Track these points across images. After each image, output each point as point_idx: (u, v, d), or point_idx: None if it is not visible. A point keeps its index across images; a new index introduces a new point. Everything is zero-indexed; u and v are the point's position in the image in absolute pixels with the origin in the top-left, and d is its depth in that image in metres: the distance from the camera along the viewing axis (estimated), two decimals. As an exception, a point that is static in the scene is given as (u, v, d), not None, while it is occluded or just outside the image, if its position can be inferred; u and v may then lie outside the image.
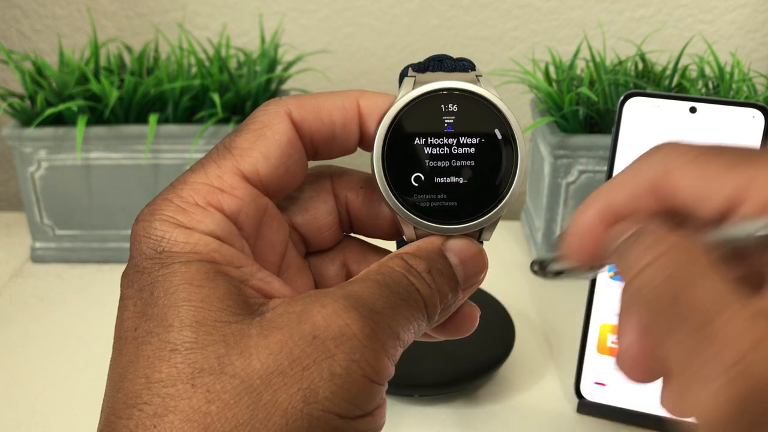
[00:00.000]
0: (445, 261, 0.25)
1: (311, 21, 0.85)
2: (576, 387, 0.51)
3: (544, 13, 0.85)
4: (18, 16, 0.84)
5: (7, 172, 0.91)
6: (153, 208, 0.23)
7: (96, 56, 0.70)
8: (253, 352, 0.20)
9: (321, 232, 0.28)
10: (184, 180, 0.24)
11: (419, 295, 0.23)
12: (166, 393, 0.20)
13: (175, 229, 0.22)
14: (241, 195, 0.24)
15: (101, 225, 0.70)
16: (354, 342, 0.21)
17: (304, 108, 0.25)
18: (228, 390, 0.20)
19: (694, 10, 0.85)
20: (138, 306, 0.22)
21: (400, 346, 0.23)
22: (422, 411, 0.52)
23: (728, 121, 0.46)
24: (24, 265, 0.71)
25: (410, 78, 0.26)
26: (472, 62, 0.27)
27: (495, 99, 0.25)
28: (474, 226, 0.26)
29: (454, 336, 0.27)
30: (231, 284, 0.22)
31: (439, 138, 0.25)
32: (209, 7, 0.84)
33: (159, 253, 0.22)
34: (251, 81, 0.68)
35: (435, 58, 0.27)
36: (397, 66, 0.87)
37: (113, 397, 0.21)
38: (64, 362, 0.58)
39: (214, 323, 0.21)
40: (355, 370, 0.21)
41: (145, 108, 0.68)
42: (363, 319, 0.21)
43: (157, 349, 0.21)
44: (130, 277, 0.23)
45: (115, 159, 0.67)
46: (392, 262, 0.24)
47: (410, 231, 0.26)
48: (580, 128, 0.66)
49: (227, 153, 0.24)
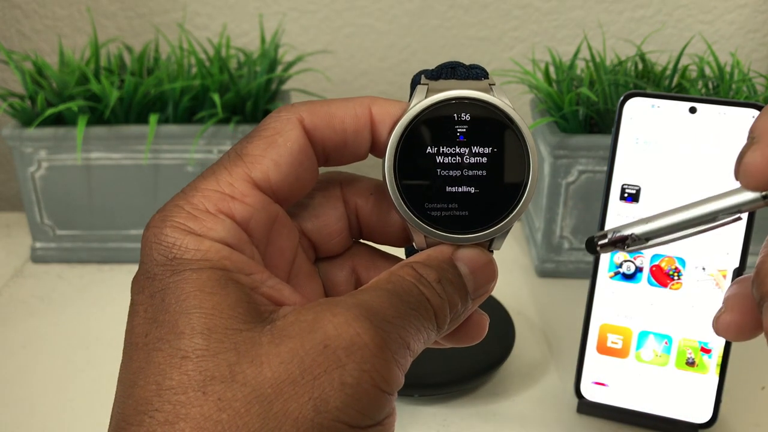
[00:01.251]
0: (456, 271, 0.25)
1: (311, 21, 0.85)
2: (576, 387, 0.51)
3: (544, 13, 0.85)
4: (18, 17, 0.84)
5: (7, 172, 0.91)
6: (164, 215, 0.23)
7: (96, 56, 0.70)
8: (264, 361, 0.20)
9: (331, 239, 0.28)
10: (195, 187, 0.24)
11: (429, 305, 0.24)
12: (177, 400, 0.20)
13: (187, 236, 0.22)
14: (251, 202, 0.24)
15: (101, 225, 0.70)
16: (365, 352, 0.21)
17: (316, 115, 0.25)
18: (239, 398, 0.20)
19: (694, 11, 0.85)
20: (149, 312, 0.22)
21: (409, 355, 0.23)
22: (422, 411, 0.52)
23: (728, 121, 0.46)
24: (24, 265, 0.71)
25: (423, 86, 0.26)
26: (485, 69, 0.26)
27: (508, 109, 0.25)
28: (485, 235, 0.26)
29: (463, 344, 0.27)
30: (242, 292, 0.22)
31: (452, 147, 0.25)
32: (209, 8, 0.84)
33: (170, 260, 0.22)
34: (251, 81, 0.68)
35: (448, 65, 0.26)
36: (397, 66, 0.87)
37: (124, 403, 0.21)
38: (64, 362, 0.58)
39: (225, 331, 0.21)
40: (365, 380, 0.21)
41: (146, 108, 0.68)
42: (374, 328, 0.21)
43: (168, 356, 0.21)
44: (141, 283, 0.23)
45: (115, 159, 0.67)
46: (402, 271, 0.24)
47: (420, 239, 0.26)
48: (580, 128, 0.66)
49: (239, 160, 0.24)
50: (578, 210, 0.66)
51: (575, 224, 0.67)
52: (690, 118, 0.47)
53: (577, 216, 0.66)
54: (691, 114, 0.47)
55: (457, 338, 0.27)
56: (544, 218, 0.67)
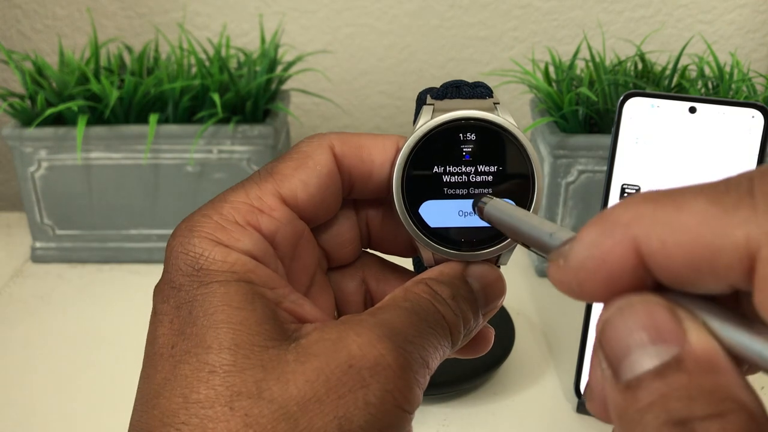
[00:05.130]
0: (468, 287, 0.26)
1: (311, 21, 0.85)
2: (576, 387, 0.51)
3: (543, 13, 0.85)
4: (18, 16, 0.84)
5: (7, 172, 0.91)
6: (191, 225, 0.23)
7: (96, 56, 0.70)
8: (290, 378, 0.21)
9: (343, 247, 0.28)
10: (225, 198, 0.24)
11: (445, 323, 0.24)
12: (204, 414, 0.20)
13: (215, 246, 0.23)
14: (279, 216, 0.24)
15: (101, 225, 0.70)
16: (388, 372, 0.21)
17: (346, 144, 0.26)
18: (266, 415, 0.20)
19: (694, 11, 0.85)
20: (175, 324, 0.22)
21: (428, 374, 0.23)
22: (422, 411, 0.52)
23: (728, 121, 0.46)
24: (24, 265, 0.71)
25: (429, 106, 0.26)
26: (489, 87, 0.27)
27: (512, 128, 0.26)
28: (493, 251, 0.26)
29: (469, 356, 0.28)
30: (267, 307, 0.22)
31: (458, 166, 0.26)
32: (209, 7, 0.84)
33: (197, 271, 0.22)
34: (251, 81, 0.68)
35: (452, 84, 0.27)
36: (397, 66, 0.87)
37: (148, 413, 0.21)
38: (64, 362, 0.58)
39: (252, 347, 0.21)
40: (388, 400, 0.21)
41: (145, 108, 0.68)
42: (397, 349, 0.22)
43: (196, 370, 0.21)
44: (166, 293, 0.23)
45: (115, 159, 0.67)
46: (418, 288, 0.25)
47: (428, 256, 0.26)
48: (579, 128, 0.66)
49: (268, 176, 0.25)
50: (578, 210, 0.66)
51: (575, 224, 0.67)
52: (690, 118, 0.47)
53: (577, 216, 0.66)
54: (691, 114, 0.47)
55: (464, 351, 0.28)
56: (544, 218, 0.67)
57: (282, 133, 0.72)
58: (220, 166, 0.68)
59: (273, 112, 0.70)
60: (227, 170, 0.68)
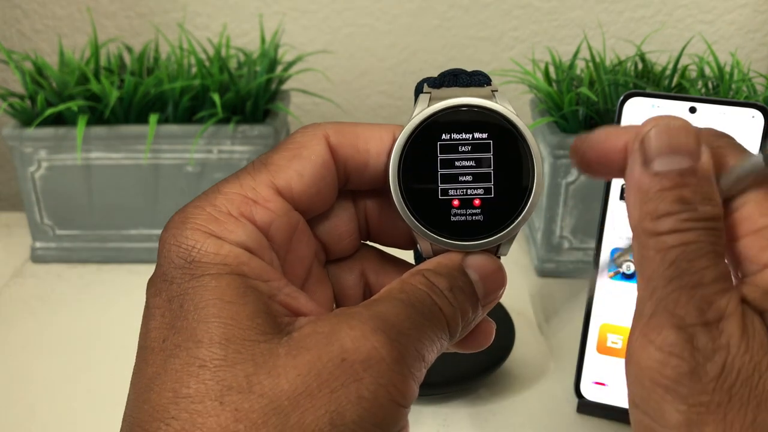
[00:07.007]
0: (466, 278, 0.25)
1: (311, 21, 0.85)
2: (576, 387, 0.51)
3: (544, 13, 0.85)
4: (18, 16, 0.84)
5: (7, 172, 0.91)
6: (184, 216, 0.23)
7: (96, 56, 0.70)
8: (281, 373, 0.20)
9: (341, 240, 0.28)
10: (218, 189, 0.24)
11: (442, 315, 0.24)
12: (194, 409, 0.20)
13: (207, 238, 0.22)
14: (273, 208, 0.24)
15: (101, 225, 0.70)
16: (382, 366, 0.21)
17: (342, 134, 0.26)
18: (256, 409, 0.20)
19: (694, 11, 0.85)
20: (166, 317, 0.22)
21: (424, 367, 0.23)
22: (422, 411, 0.52)
23: (728, 121, 0.46)
24: (24, 265, 0.71)
25: (426, 94, 0.26)
26: (487, 76, 0.26)
27: (510, 115, 0.25)
28: (492, 241, 0.25)
29: (469, 350, 0.27)
30: (260, 301, 0.22)
31: (455, 154, 0.25)
32: (209, 7, 0.84)
33: (189, 263, 0.22)
34: (251, 81, 0.68)
35: (450, 72, 0.26)
36: (397, 66, 0.87)
37: (139, 408, 0.21)
38: (64, 362, 0.58)
39: (243, 341, 0.21)
40: (382, 394, 0.21)
41: (145, 108, 0.68)
42: (390, 342, 0.21)
43: (186, 364, 0.21)
44: (158, 286, 0.23)
45: (115, 159, 0.67)
46: (414, 279, 0.24)
47: (427, 246, 0.26)
48: (580, 128, 0.66)
49: (263, 167, 0.25)
50: (578, 210, 0.66)
51: (575, 224, 0.67)
52: (690, 118, 0.47)
53: (577, 216, 0.66)
54: (691, 114, 0.47)
55: (465, 345, 0.27)
56: (543, 218, 0.67)
57: (282, 133, 0.72)
58: (220, 166, 0.68)
59: (273, 112, 0.70)
60: (227, 170, 0.68)
